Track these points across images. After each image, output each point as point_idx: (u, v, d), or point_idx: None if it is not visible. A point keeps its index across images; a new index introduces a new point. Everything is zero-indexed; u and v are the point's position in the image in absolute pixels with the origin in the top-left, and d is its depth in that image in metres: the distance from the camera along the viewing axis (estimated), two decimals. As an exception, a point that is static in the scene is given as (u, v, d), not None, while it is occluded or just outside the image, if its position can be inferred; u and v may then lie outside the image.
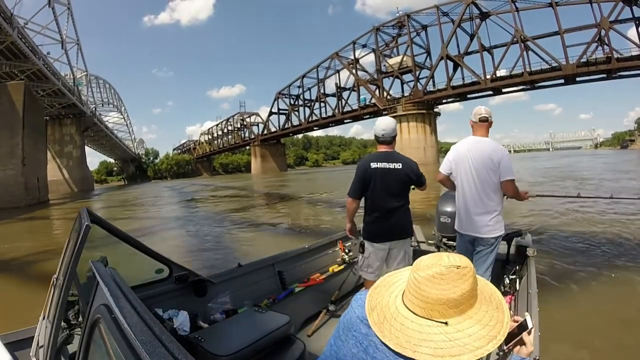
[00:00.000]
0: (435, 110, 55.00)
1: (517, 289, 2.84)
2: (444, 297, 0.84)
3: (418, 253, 3.46)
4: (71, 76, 49.77)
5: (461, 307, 0.85)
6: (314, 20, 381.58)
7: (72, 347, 1.69)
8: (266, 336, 2.12)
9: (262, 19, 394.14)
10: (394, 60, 56.80)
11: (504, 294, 2.86)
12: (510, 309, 2.63)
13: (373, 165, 2.78)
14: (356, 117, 63.80)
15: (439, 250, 3.84)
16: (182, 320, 2.29)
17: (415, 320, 0.86)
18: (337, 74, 64.75)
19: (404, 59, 55.36)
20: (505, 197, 2.81)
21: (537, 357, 1.67)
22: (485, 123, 2.79)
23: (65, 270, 1.64)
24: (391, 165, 2.75)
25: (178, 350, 0.87)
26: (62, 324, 1.70)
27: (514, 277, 2.92)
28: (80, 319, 1.76)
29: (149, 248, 2.36)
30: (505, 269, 3.07)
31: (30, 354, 1.69)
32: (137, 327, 0.96)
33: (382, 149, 2.84)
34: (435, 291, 0.84)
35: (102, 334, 1.13)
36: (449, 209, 3.62)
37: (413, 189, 2.91)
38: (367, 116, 61.75)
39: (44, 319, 1.79)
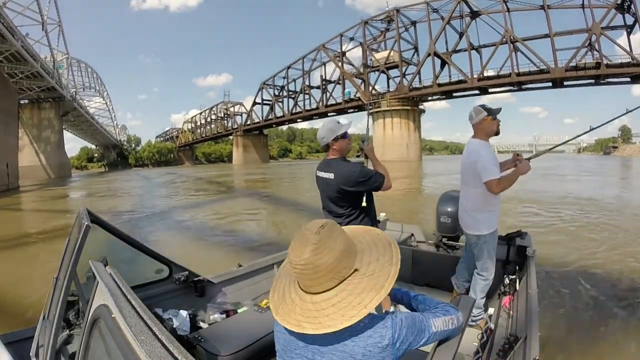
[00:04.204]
0: (420, 107, 55.34)
1: (517, 289, 2.87)
2: (338, 253, 0.89)
3: (418, 253, 3.50)
4: (51, 59, 48.10)
5: (352, 250, 0.94)
6: (304, 13, 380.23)
7: (72, 347, 1.68)
8: (266, 336, 2.12)
9: (253, 9, 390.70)
10: (380, 55, 56.79)
11: (504, 293, 2.91)
12: (510, 309, 2.70)
13: (317, 173, 2.52)
14: (340, 110, 62.68)
15: (438, 250, 3.85)
16: (182, 320, 2.30)
17: (333, 296, 0.90)
18: (323, 67, 64.47)
19: (391, 54, 55.49)
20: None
21: (537, 357, 1.71)
22: (473, 124, 2.74)
23: (65, 270, 1.63)
24: (326, 175, 2.43)
25: (177, 350, 0.89)
26: (62, 324, 1.68)
27: (514, 277, 2.95)
28: (81, 319, 1.74)
29: (149, 248, 2.36)
30: (506, 269, 3.10)
31: (30, 354, 1.67)
32: (136, 327, 0.97)
33: (327, 155, 2.51)
34: (327, 258, 0.88)
35: (102, 334, 1.14)
36: (449, 209, 3.66)
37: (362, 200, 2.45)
38: (351, 110, 61.47)
39: (44, 319, 1.77)
